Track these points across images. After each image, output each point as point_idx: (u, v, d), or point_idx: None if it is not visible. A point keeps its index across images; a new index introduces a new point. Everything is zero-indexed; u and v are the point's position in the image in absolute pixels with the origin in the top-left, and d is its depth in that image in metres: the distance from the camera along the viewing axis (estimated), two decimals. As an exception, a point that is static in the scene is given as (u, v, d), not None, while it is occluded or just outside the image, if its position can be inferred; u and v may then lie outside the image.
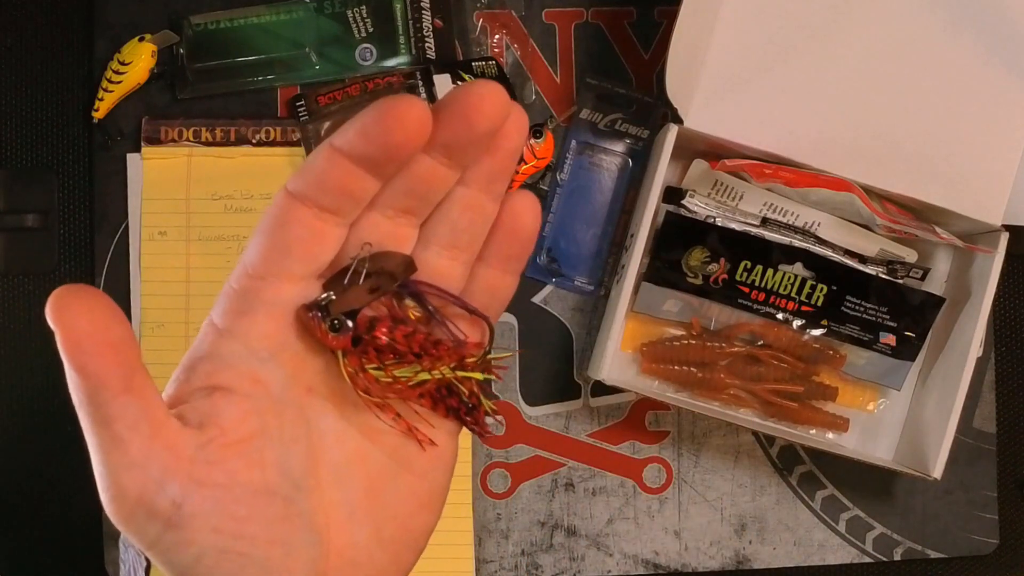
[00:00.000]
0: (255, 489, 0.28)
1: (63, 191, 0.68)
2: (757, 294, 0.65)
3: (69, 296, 0.25)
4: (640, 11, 0.69)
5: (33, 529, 0.68)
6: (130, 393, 0.26)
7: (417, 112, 0.27)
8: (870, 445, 0.69)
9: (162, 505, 0.27)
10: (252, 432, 0.29)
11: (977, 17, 0.63)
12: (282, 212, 0.29)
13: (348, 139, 0.28)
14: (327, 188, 0.28)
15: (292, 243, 0.29)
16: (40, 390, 0.68)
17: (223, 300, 0.30)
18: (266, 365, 0.30)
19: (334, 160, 0.28)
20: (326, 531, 0.30)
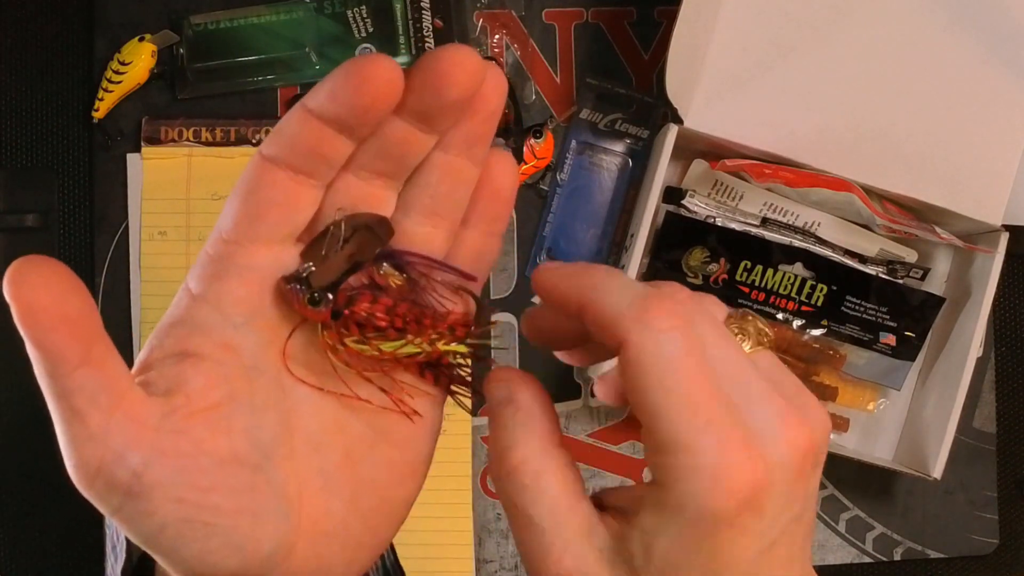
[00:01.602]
0: (221, 458, 0.28)
1: (63, 191, 0.68)
2: (757, 294, 0.65)
3: (26, 268, 0.25)
4: (640, 11, 0.69)
5: (33, 529, 0.68)
6: (88, 366, 0.26)
7: (386, 72, 0.26)
8: (870, 445, 0.69)
9: (121, 476, 0.26)
10: (220, 400, 0.28)
11: (977, 17, 0.63)
12: (255, 175, 0.28)
13: (319, 99, 0.27)
14: (300, 150, 0.28)
15: (266, 206, 0.28)
16: (40, 389, 0.67)
17: (198, 265, 0.29)
18: (239, 331, 0.29)
19: (306, 121, 0.27)
20: (298, 500, 0.30)
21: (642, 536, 0.27)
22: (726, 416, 0.26)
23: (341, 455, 0.31)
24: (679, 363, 0.26)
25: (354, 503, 0.31)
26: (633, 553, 0.27)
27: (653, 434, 0.26)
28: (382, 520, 0.32)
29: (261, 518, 0.28)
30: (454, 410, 0.71)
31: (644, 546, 0.27)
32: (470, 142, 0.30)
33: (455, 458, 0.67)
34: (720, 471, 0.25)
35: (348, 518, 0.31)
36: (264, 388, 0.29)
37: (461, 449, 0.67)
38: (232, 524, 0.28)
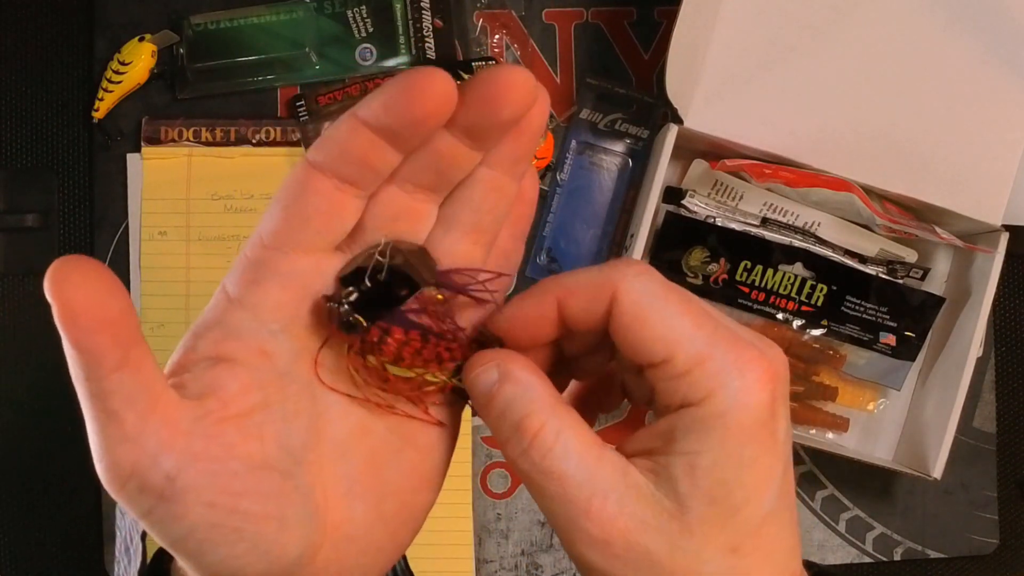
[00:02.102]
0: (252, 463, 0.28)
1: (63, 191, 0.68)
2: (757, 294, 0.65)
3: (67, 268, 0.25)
4: (640, 11, 0.69)
5: (33, 529, 0.68)
6: (126, 368, 0.26)
7: (443, 86, 0.26)
8: (870, 445, 0.69)
9: (155, 479, 0.26)
10: (253, 406, 0.28)
11: (977, 17, 0.63)
12: (301, 182, 0.28)
13: (372, 110, 0.27)
14: (348, 159, 0.28)
15: (310, 214, 0.28)
16: (40, 389, 0.68)
17: (237, 269, 0.29)
18: (275, 337, 0.29)
19: (357, 130, 0.27)
20: (323, 505, 0.30)
21: (685, 459, 0.28)
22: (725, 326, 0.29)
23: (365, 461, 0.31)
24: (670, 293, 0.29)
25: (376, 508, 0.31)
26: (677, 479, 0.28)
27: (672, 365, 0.28)
28: (402, 525, 0.32)
29: (288, 523, 0.28)
30: (454, 410, 0.71)
31: (689, 467, 0.28)
32: (515, 160, 0.30)
33: (455, 458, 0.67)
34: (749, 368, 0.28)
35: (370, 523, 0.31)
36: (296, 395, 0.30)
37: (461, 449, 0.67)
38: (260, 529, 0.28)
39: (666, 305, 0.28)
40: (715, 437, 0.28)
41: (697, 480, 0.28)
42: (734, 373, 0.28)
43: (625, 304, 0.29)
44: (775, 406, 0.28)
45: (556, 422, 0.29)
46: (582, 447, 0.29)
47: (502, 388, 0.30)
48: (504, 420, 0.30)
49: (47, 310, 0.25)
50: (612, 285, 0.29)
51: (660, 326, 0.28)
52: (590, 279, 0.29)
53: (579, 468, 0.29)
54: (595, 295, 0.29)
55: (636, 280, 0.29)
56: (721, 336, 0.28)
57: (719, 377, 0.28)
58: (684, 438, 0.28)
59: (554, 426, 0.29)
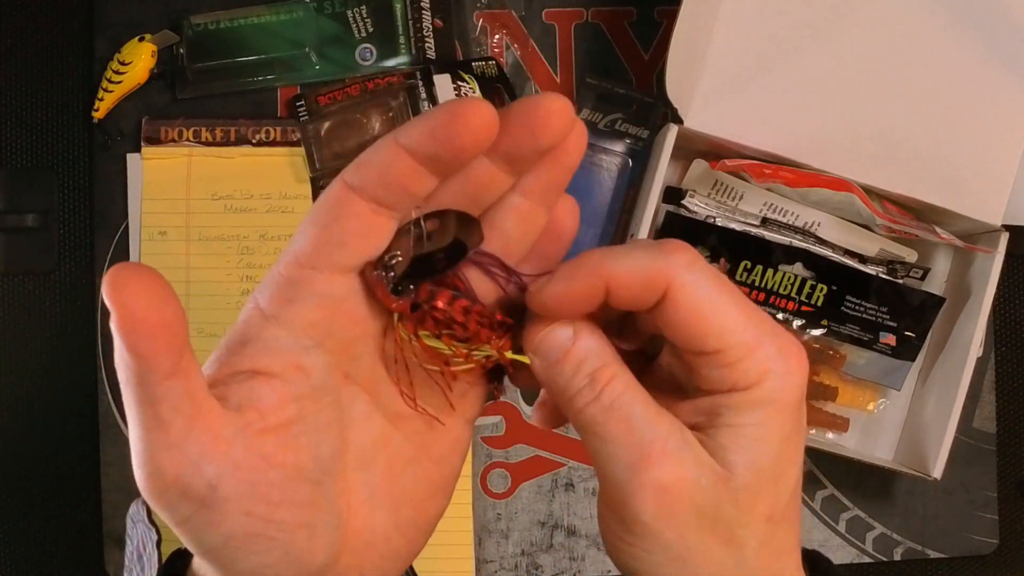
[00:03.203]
0: (288, 474, 0.29)
1: (63, 191, 0.68)
2: (757, 294, 0.65)
3: (126, 275, 0.25)
4: (640, 11, 0.69)
5: (33, 529, 0.68)
6: (177, 375, 0.26)
7: (487, 116, 0.27)
8: (870, 445, 0.69)
9: (198, 486, 0.27)
10: (290, 418, 0.29)
11: (977, 17, 0.63)
12: (338, 204, 0.29)
13: (415, 138, 0.28)
14: (388, 183, 0.28)
15: (347, 236, 0.29)
16: (40, 390, 0.68)
17: (271, 286, 0.30)
18: (310, 353, 0.30)
19: (398, 156, 0.28)
20: (346, 513, 0.31)
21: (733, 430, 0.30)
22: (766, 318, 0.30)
23: (385, 469, 0.32)
24: (721, 286, 0.30)
25: (394, 515, 0.32)
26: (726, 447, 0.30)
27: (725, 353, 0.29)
28: (416, 531, 0.33)
29: (317, 532, 0.29)
30: (454, 410, 0.71)
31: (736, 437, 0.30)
32: (548, 190, 0.31)
33: (455, 458, 0.67)
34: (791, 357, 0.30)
35: (389, 530, 0.32)
36: (328, 407, 0.30)
37: (461, 449, 0.67)
38: (292, 538, 0.28)
39: (719, 299, 0.29)
40: (762, 414, 0.30)
41: (744, 448, 0.30)
42: (779, 361, 0.30)
43: (680, 299, 0.29)
44: (804, 392, 0.31)
45: (625, 376, 0.31)
46: (646, 401, 0.30)
47: (578, 343, 0.30)
48: (579, 372, 0.30)
49: (47, 310, 0.25)
50: (665, 278, 0.29)
51: (715, 320, 0.29)
52: (643, 269, 0.29)
53: (645, 418, 0.30)
54: (647, 285, 0.29)
55: (689, 274, 0.29)
56: (765, 328, 0.30)
57: (767, 364, 0.29)
58: (731, 414, 0.30)
59: (624, 378, 0.30)
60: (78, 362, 0.67)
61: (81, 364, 0.67)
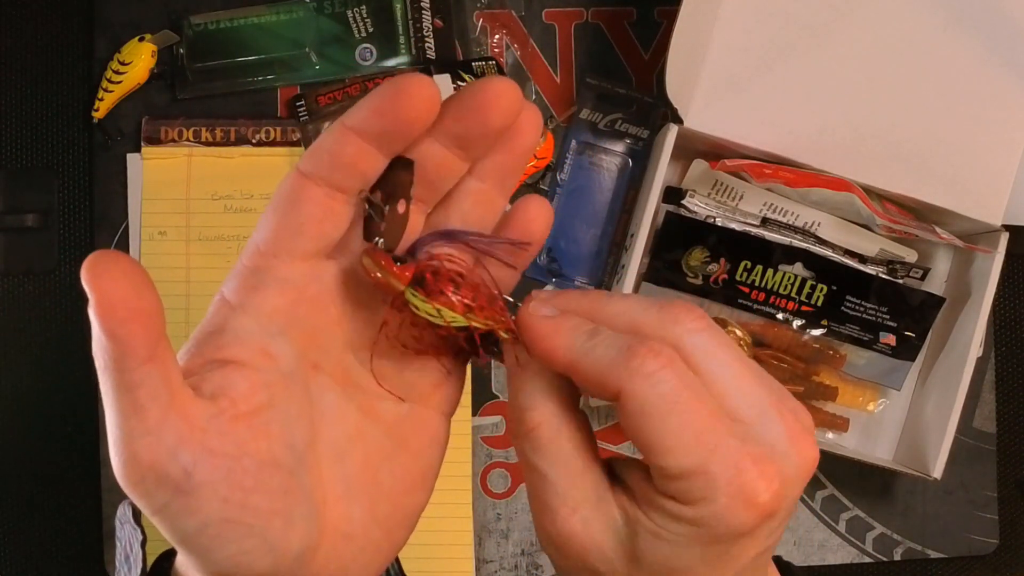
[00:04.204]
0: (262, 460, 0.29)
1: (63, 191, 0.68)
2: (757, 294, 0.65)
3: (105, 261, 0.26)
4: (640, 11, 0.69)
5: (33, 529, 0.68)
6: (153, 362, 0.27)
7: (426, 89, 0.28)
8: (870, 445, 0.69)
9: (173, 472, 0.27)
10: (261, 404, 0.29)
11: (977, 17, 0.63)
12: (293, 191, 0.29)
13: (360, 116, 0.28)
14: (338, 165, 0.29)
15: (304, 222, 0.30)
16: (40, 390, 0.68)
17: (235, 277, 0.30)
18: (276, 340, 0.30)
19: (346, 138, 0.29)
20: (323, 505, 0.31)
21: (654, 531, 0.29)
22: (734, 437, 0.28)
23: (361, 463, 0.32)
24: (676, 398, 0.28)
25: (372, 509, 0.32)
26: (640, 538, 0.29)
27: (665, 469, 0.28)
28: (396, 525, 0.33)
29: (293, 520, 0.29)
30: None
31: (654, 541, 0.29)
32: (504, 174, 0.32)
33: (455, 458, 0.67)
34: (742, 491, 0.28)
35: (367, 523, 0.32)
36: (298, 396, 0.31)
37: (461, 449, 0.67)
38: (267, 525, 0.28)
39: (669, 416, 0.28)
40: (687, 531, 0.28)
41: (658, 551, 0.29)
42: (723, 494, 0.28)
43: (628, 408, 0.28)
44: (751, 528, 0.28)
45: (556, 424, 0.30)
46: (572, 455, 0.30)
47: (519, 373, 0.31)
48: (513, 401, 0.31)
49: (47, 310, 0.25)
50: (617, 383, 0.28)
51: (656, 437, 0.28)
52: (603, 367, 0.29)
53: (562, 476, 0.30)
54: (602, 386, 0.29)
55: (645, 384, 0.28)
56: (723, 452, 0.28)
57: (707, 492, 0.28)
58: (658, 516, 0.29)
59: (552, 427, 0.30)
60: (78, 362, 0.67)
61: (81, 364, 0.67)
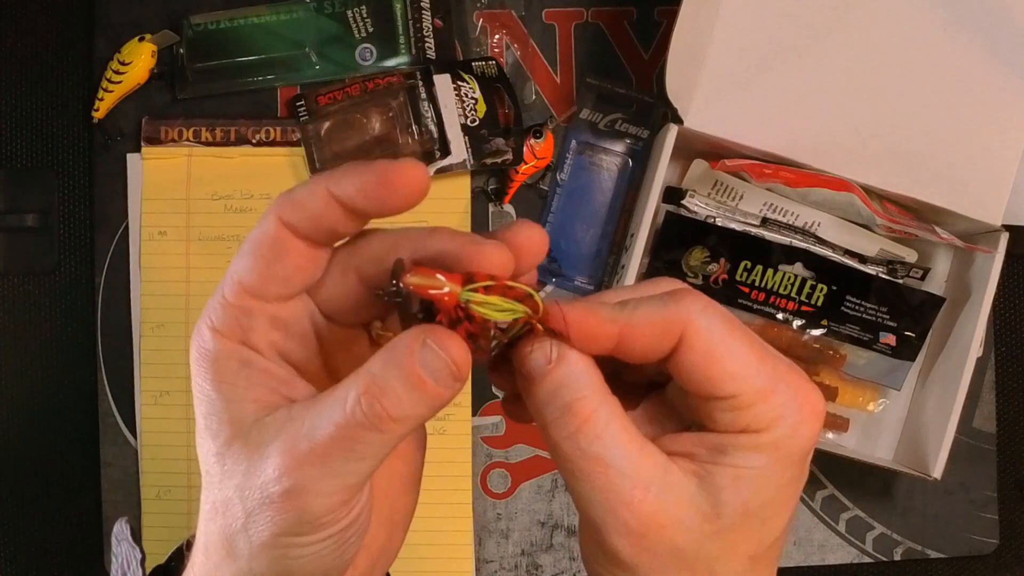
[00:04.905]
0: None
1: (63, 191, 0.68)
2: (757, 294, 0.65)
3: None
4: (640, 11, 0.69)
5: (33, 529, 0.68)
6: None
7: (417, 181, 0.29)
8: (870, 445, 0.69)
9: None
10: None
11: (977, 17, 0.63)
12: (278, 241, 0.30)
13: (347, 191, 0.29)
14: (321, 227, 0.30)
15: (291, 273, 0.30)
16: (40, 390, 0.68)
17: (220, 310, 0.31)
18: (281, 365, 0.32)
19: (330, 206, 0.29)
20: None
21: (733, 471, 0.30)
22: (783, 360, 0.30)
23: None
24: (733, 328, 0.30)
25: (378, 514, 0.33)
26: (721, 487, 0.30)
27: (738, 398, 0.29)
28: (395, 527, 0.34)
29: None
30: (454, 411, 0.71)
31: (734, 479, 0.30)
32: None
33: (455, 458, 0.67)
34: (808, 402, 0.30)
35: (375, 528, 0.32)
36: None
37: (461, 449, 0.67)
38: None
39: (733, 343, 0.30)
40: (766, 459, 0.30)
41: (740, 491, 0.30)
42: (793, 408, 0.30)
43: (696, 345, 0.29)
44: (814, 441, 0.30)
45: (606, 410, 0.30)
46: (627, 438, 0.30)
47: (558, 368, 0.30)
48: (553, 399, 0.30)
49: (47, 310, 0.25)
50: (681, 325, 0.29)
51: (729, 365, 0.29)
52: (658, 318, 0.30)
53: (625, 458, 0.29)
54: (663, 334, 0.30)
55: (703, 318, 0.29)
56: (781, 372, 0.30)
57: (780, 411, 0.30)
58: (735, 454, 0.30)
59: (604, 413, 0.30)
60: (78, 362, 0.67)
61: (81, 364, 0.67)
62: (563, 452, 0.30)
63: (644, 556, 0.30)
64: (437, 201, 0.68)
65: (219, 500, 0.29)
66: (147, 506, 0.66)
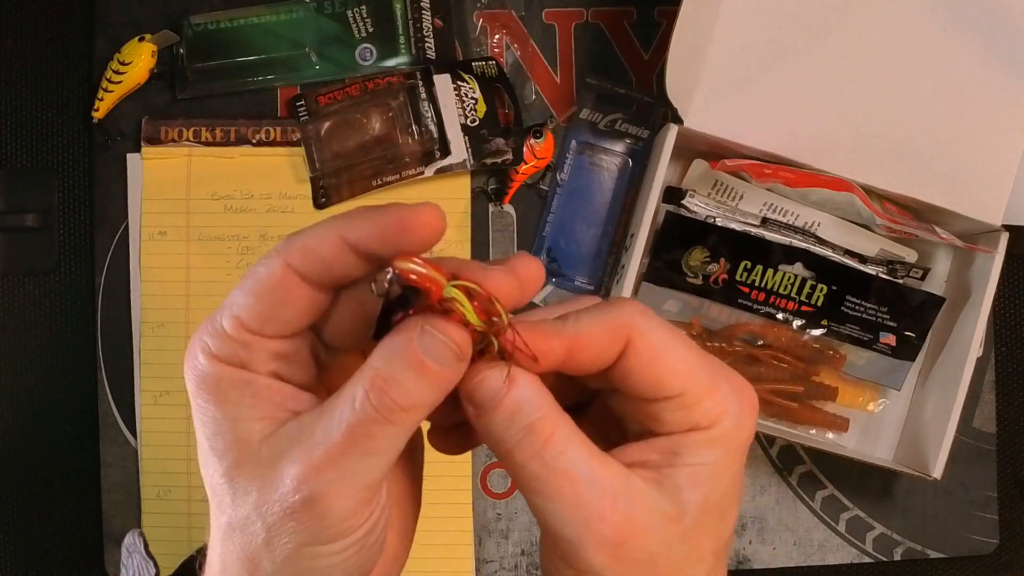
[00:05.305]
0: None
1: (63, 191, 0.68)
2: (757, 294, 0.65)
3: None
4: (640, 11, 0.69)
5: (33, 529, 0.68)
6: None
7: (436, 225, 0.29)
8: (870, 445, 0.69)
9: None
10: None
11: (977, 17, 0.63)
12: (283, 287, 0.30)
13: (363, 238, 0.29)
14: (332, 274, 0.30)
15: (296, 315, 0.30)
16: (40, 390, 0.68)
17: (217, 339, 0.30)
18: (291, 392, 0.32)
19: (343, 252, 0.29)
20: None
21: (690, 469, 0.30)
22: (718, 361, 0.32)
23: None
24: (675, 332, 0.31)
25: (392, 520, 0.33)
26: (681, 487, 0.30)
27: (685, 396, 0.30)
28: (406, 533, 0.34)
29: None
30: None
31: (692, 476, 0.30)
32: None
33: (455, 458, 0.67)
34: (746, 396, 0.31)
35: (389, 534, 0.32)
36: None
37: (461, 449, 0.67)
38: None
39: (675, 344, 0.31)
40: (718, 452, 0.31)
41: (699, 487, 0.30)
42: (735, 401, 0.31)
43: (642, 348, 0.30)
44: (753, 432, 0.32)
45: (565, 426, 0.30)
46: (588, 452, 0.30)
47: (512, 391, 0.30)
48: (513, 423, 0.30)
49: (47, 310, 0.25)
50: (626, 330, 0.30)
51: (676, 364, 0.30)
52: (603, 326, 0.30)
53: (590, 471, 0.30)
54: (610, 342, 0.30)
55: (645, 321, 0.30)
56: (720, 370, 0.31)
57: (725, 404, 0.31)
58: (689, 452, 0.30)
59: (564, 430, 0.30)
60: (78, 362, 0.67)
61: (81, 364, 0.67)
62: (531, 472, 0.30)
63: (621, 567, 0.30)
64: (437, 201, 0.67)
65: (235, 519, 0.29)
66: (147, 506, 0.66)
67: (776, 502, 0.69)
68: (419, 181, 0.67)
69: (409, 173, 0.67)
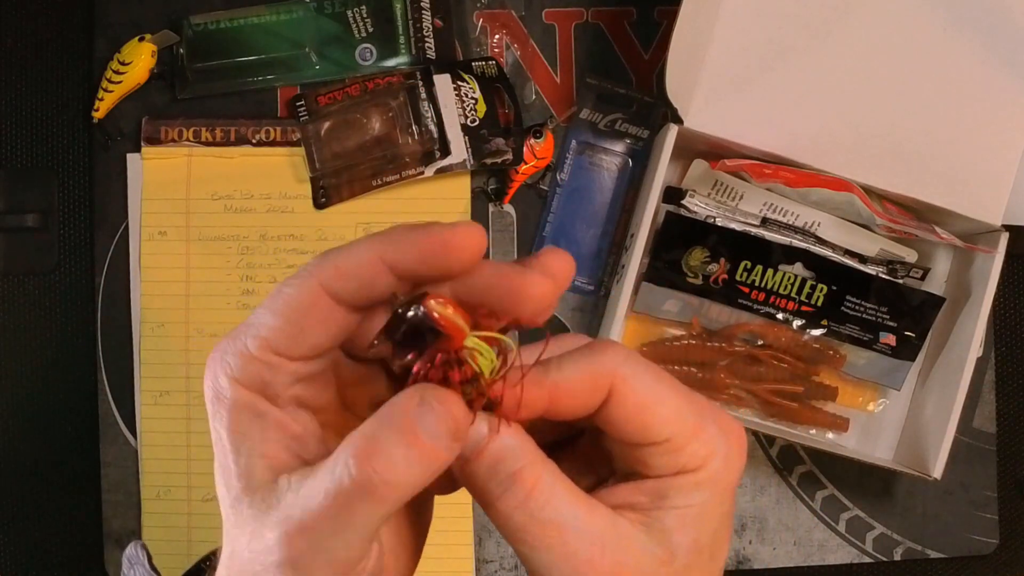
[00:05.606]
0: None
1: (63, 191, 0.68)
2: (757, 294, 0.65)
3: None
4: (640, 11, 0.69)
5: (33, 529, 0.68)
6: None
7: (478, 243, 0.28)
8: (870, 445, 0.69)
9: None
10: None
11: (977, 17, 0.63)
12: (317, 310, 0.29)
13: (403, 259, 0.28)
14: (369, 296, 0.29)
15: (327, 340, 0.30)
16: (40, 390, 0.68)
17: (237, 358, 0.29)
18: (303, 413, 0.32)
19: (381, 274, 0.29)
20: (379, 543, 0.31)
21: (678, 512, 0.30)
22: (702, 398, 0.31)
23: None
24: (662, 374, 0.30)
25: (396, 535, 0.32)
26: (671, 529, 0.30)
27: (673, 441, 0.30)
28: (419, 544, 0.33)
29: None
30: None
31: (682, 519, 0.30)
32: None
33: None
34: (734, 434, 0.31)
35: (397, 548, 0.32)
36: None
37: (461, 449, 0.67)
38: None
39: (660, 389, 0.30)
40: (706, 494, 0.30)
41: (688, 530, 0.30)
42: (722, 441, 0.30)
43: (627, 396, 0.29)
44: (742, 472, 0.31)
45: (549, 474, 0.30)
46: (574, 498, 0.30)
47: (493, 441, 0.29)
48: (495, 473, 0.29)
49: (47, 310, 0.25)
50: (608, 378, 0.29)
51: (662, 411, 0.30)
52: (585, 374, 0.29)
53: (576, 518, 0.29)
54: (592, 391, 0.30)
55: (629, 367, 0.30)
56: (706, 411, 0.31)
57: (712, 445, 0.30)
58: (677, 495, 0.30)
59: (548, 478, 0.29)
60: (78, 362, 0.67)
61: (81, 364, 0.67)
62: (516, 523, 0.29)
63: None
64: (437, 201, 0.68)
65: (234, 550, 0.29)
66: (147, 506, 0.66)
67: (776, 502, 0.69)
68: (419, 181, 0.67)
69: (409, 173, 0.67)
